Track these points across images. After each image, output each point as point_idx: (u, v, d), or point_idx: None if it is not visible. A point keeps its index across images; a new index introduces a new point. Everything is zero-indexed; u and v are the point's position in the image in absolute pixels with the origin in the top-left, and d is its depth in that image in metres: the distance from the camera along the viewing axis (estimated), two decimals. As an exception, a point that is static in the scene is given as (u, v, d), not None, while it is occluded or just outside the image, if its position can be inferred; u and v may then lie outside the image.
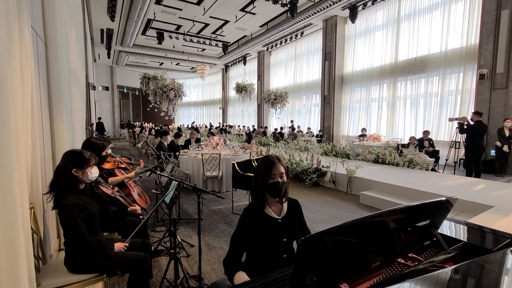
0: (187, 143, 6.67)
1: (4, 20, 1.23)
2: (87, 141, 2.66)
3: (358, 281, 0.98)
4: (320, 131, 11.94)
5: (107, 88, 19.72)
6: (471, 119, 6.09)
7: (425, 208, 1.10)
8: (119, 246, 1.90)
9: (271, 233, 1.46)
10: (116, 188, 2.27)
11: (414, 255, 1.14)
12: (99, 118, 15.62)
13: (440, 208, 1.15)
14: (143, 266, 1.89)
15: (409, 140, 7.71)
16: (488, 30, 7.03)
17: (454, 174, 6.37)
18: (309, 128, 13.11)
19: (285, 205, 1.54)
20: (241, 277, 1.32)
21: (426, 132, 7.63)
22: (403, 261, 1.09)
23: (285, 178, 1.47)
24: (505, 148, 6.18)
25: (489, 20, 7.01)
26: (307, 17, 10.90)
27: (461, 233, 1.27)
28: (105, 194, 2.08)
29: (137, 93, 20.87)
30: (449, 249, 1.09)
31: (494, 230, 1.23)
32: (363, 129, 10.19)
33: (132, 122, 20.43)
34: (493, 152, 6.95)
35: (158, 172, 2.35)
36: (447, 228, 1.31)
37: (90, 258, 1.77)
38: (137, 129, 15.44)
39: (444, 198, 1.11)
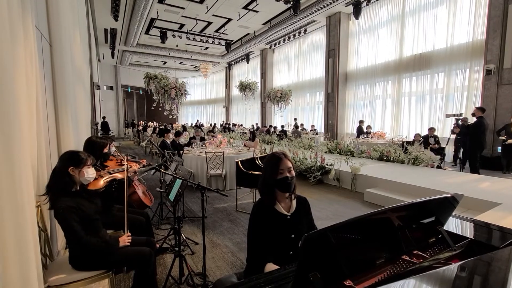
0: (191, 140, 6.69)
1: (7, 21, 1.24)
2: (88, 140, 2.69)
3: (362, 278, 0.98)
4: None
5: (111, 88, 19.86)
6: (473, 114, 5.99)
7: (430, 204, 1.09)
8: (123, 240, 1.91)
9: (280, 229, 1.47)
10: (101, 171, 2.23)
11: (419, 252, 1.13)
12: (104, 118, 15.75)
13: (446, 205, 1.14)
14: (149, 261, 1.90)
15: (414, 137, 7.64)
16: (495, 24, 6.91)
17: (462, 171, 6.29)
18: (313, 126, 13.05)
19: (294, 202, 1.55)
20: (272, 268, 1.30)
21: (431, 129, 7.55)
22: (408, 258, 1.09)
23: (293, 172, 1.49)
24: (510, 141, 6.14)
25: (496, 14, 6.89)
26: (310, 14, 10.82)
27: (467, 230, 1.25)
28: (97, 189, 2.06)
29: (141, 92, 21.00)
30: (454, 246, 1.08)
31: (501, 227, 1.21)
32: (368, 127, 10.10)
33: (135, 122, 20.58)
34: (499, 149, 6.85)
35: (162, 170, 2.36)
36: (453, 225, 1.30)
37: (93, 256, 1.78)
38: (140, 128, 15.55)
39: (449, 195, 1.10)
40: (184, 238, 3.00)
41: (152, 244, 2.17)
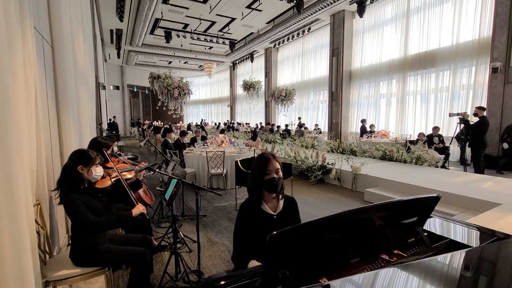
0: (193, 140, 6.76)
1: (3, 24, 1.28)
2: (93, 140, 2.76)
3: (339, 275, 1.00)
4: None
5: (117, 88, 20.14)
6: (475, 114, 5.90)
7: (409, 204, 1.10)
8: (137, 208, 2.02)
9: (266, 228, 1.49)
10: (108, 171, 2.31)
11: (399, 252, 1.15)
12: (114, 117, 16.11)
13: (424, 205, 1.15)
14: (143, 261, 1.95)
15: (418, 136, 7.56)
16: (501, 21, 6.77)
17: (466, 171, 6.19)
18: (316, 125, 13.01)
19: (281, 202, 1.57)
20: (255, 265, 1.35)
21: (435, 128, 7.47)
22: (387, 258, 1.10)
23: (280, 173, 1.50)
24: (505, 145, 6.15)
25: (502, 11, 6.75)
26: (314, 13, 10.77)
27: (448, 231, 1.26)
28: (104, 187, 2.14)
29: (146, 92, 21.24)
30: (433, 246, 1.09)
31: (482, 228, 1.22)
32: (372, 125, 10.03)
33: (141, 121, 20.83)
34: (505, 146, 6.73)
35: (157, 170, 2.41)
36: (435, 225, 1.30)
37: (93, 251, 1.84)
38: (145, 127, 15.78)
39: (427, 195, 1.11)
40: (182, 236, 3.06)
41: (148, 242, 2.22)
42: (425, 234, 1.15)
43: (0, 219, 1.26)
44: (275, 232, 0.80)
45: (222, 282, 0.93)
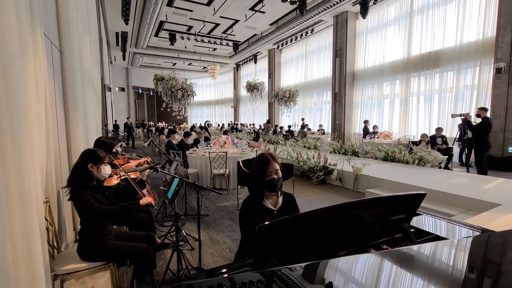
0: (196, 141, 6.86)
1: (16, 31, 1.37)
2: (98, 140, 2.86)
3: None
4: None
5: (123, 89, 20.41)
6: (478, 115, 5.88)
7: (396, 200, 1.16)
8: (146, 199, 2.11)
9: None
10: (115, 170, 2.40)
11: (387, 247, 1.20)
12: (128, 118, 16.41)
13: (410, 202, 1.20)
14: (146, 257, 2.03)
15: (421, 137, 7.55)
16: (505, 22, 6.75)
17: (468, 171, 6.17)
18: (320, 125, 13.03)
19: (281, 198, 1.66)
20: None
21: (439, 129, 7.44)
22: (374, 252, 1.16)
23: (280, 174, 1.59)
24: None
25: (507, 11, 6.73)
26: (317, 14, 10.81)
27: (435, 228, 1.31)
28: (110, 185, 2.24)
29: (151, 93, 21.48)
30: (418, 240, 1.15)
31: (466, 223, 1.27)
32: (375, 126, 10.01)
33: (145, 122, 21.08)
34: (511, 149, 6.70)
35: (160, 170, 2.50)
36: (424, 222, 1.36)
37: (99, 247, 1.93)
38: (153, 128, 15.98)
39: (413, 192, 1.17)
40: (185, 234, 3.14)
41: (152, 240, 2.30)
42: (412, 230, 1.20)
43: (12, 217, 1.35)
44: (264, 223, 0.87)
45: (223, 270, 1.01)
